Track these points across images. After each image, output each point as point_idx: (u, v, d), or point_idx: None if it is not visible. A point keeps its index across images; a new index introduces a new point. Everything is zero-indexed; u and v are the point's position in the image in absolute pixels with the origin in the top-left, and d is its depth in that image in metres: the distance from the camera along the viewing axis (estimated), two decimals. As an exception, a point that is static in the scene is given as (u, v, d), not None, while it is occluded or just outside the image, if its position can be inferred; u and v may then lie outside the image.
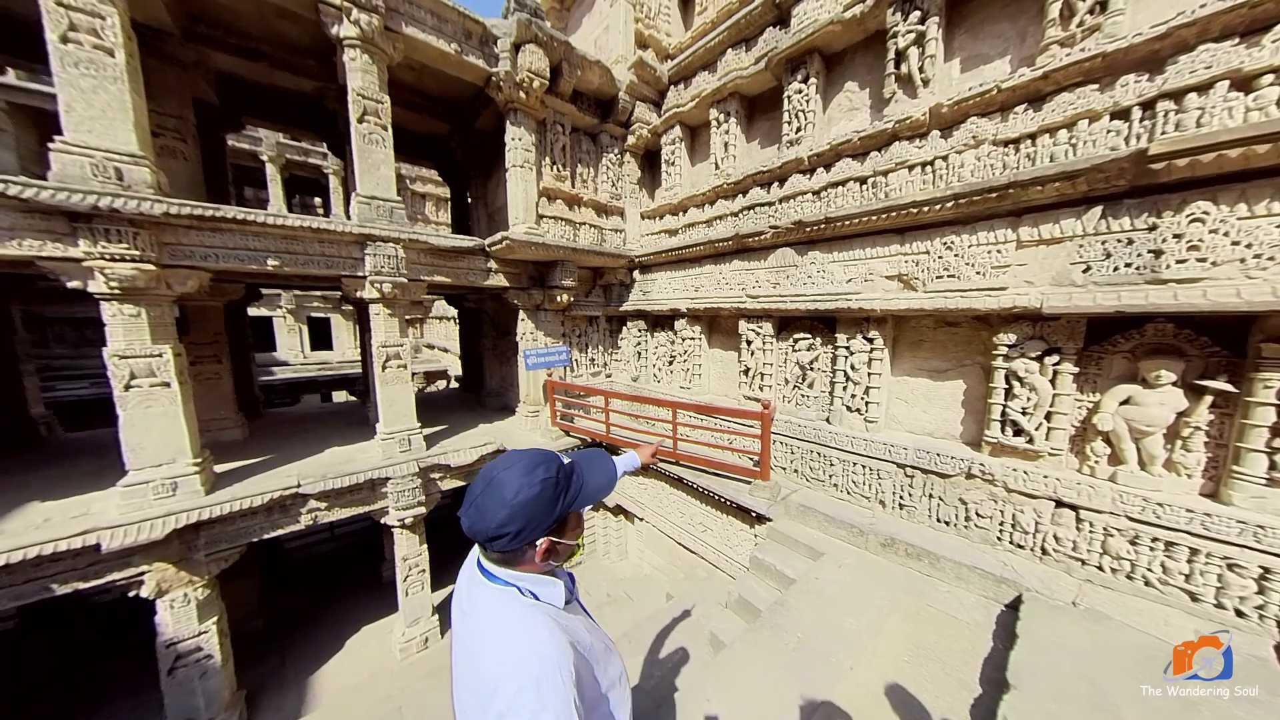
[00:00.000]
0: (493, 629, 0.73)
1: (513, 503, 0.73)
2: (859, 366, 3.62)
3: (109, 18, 3.03)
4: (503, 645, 0.70)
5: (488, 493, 0.75)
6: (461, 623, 0.81)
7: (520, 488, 0.74)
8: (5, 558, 2.82)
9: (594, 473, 0.85)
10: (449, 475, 5.04)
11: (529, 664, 0.67)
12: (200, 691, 3.67)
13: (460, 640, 0.81)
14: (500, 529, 0.74)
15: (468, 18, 4.52)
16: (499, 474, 0.76)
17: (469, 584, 0.84)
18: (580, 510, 0.83)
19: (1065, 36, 2.75)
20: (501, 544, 0.76)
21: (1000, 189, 2.72)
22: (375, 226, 4.18)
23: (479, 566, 0.83)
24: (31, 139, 10.38)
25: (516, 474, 0.75)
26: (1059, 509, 2.62)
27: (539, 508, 0.75)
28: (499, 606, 0.76)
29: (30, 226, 2.89)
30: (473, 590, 0.81)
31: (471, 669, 0.73)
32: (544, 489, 0.75)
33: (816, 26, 3.87)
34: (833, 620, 2.44)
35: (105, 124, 3.08)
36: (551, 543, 0.79)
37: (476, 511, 0.75)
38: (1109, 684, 1.79)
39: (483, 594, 0.79)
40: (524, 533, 0.75)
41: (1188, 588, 2.23)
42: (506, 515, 0.73)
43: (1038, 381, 2.68)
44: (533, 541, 0.77)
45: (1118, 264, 2.38)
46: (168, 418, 3.47)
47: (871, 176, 3.63)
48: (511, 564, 0.80)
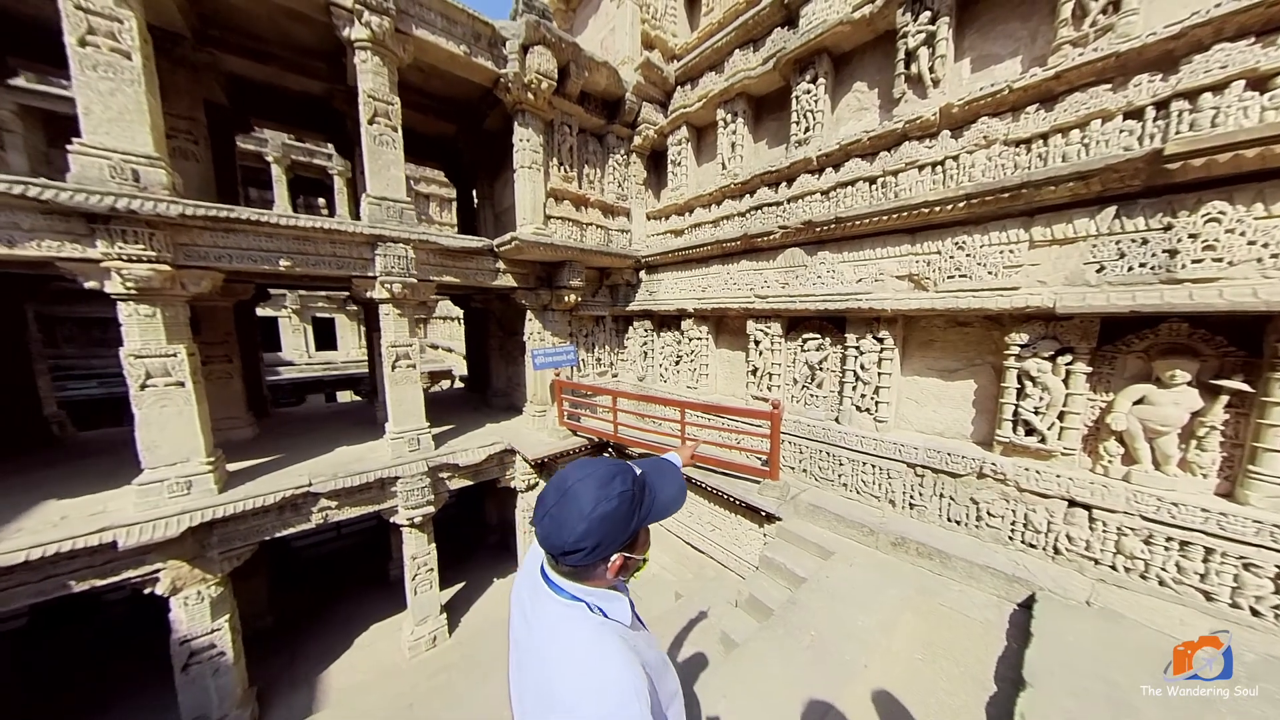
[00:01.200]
0: (565, 648, 0.71)
1: (590, 517, 0.71)
2: (869, 366, 3.62)
3: (126, 20, 3.06)
4: (578, 667, 0.68)
5: (563, 504, 0.72)
6: (525, 632, 0.79)
7: (598, 501, 0.71)
8: (25, 554, 2.86)
9: (665, 485, 0.81)
10: (457, 475, 5.07)
11: (607, 691, 0.65)
12: (213, 688, 3.71)
13: (523, 648, 0.79)
14: (577, 544, 0.71)
15: (477, 19, 4.54)
16: (573, 484, 0.73)
17: (531, 592, 0.81)
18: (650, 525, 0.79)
19: (1078, 36, 2.74)
20: (576, 559, 0.73)
21: (1013, 189, 2.72)
22: (386, 227, 4.21)
23: (544, 576, 0.80)
24: (40, 140, 10.47)
25: (592, 486, 0.73)
26: (1072, 508, 2.62)
27: (616, 523, 0.72)
28: (569, 623, 0.73)
29: (50, 228, 2.92)
30: (537, 600, 0.79)
31: (539, 683, 0.72)
32: (620, 503, 0.72)
33: (825, 27, 3.88)
34: (846, 619, 2.44)
35: (123, 126, 3.11)
36: (624, 559, 0.76)
37: (553, 524, 0.72)
38: (1126, 682, 1.79)
39: (550, 608, 0.76)
40: (600, 549, 0.72)
41: (1203, 587, 2.23)
42: (584, 530, 0.71)
43: (1050, 381, 2.68)
44: (607, 558, 0.74)
45: (1132, 264, 2.38)
46: (182, 417, 3.51)
47: (881, 176, 3.62)
48: (581, 579, 0.77)
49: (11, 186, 2.72)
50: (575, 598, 0.76)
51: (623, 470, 0.77)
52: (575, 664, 0.69)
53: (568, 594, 0.76)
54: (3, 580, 2.90)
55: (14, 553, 2.84)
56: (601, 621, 0.74)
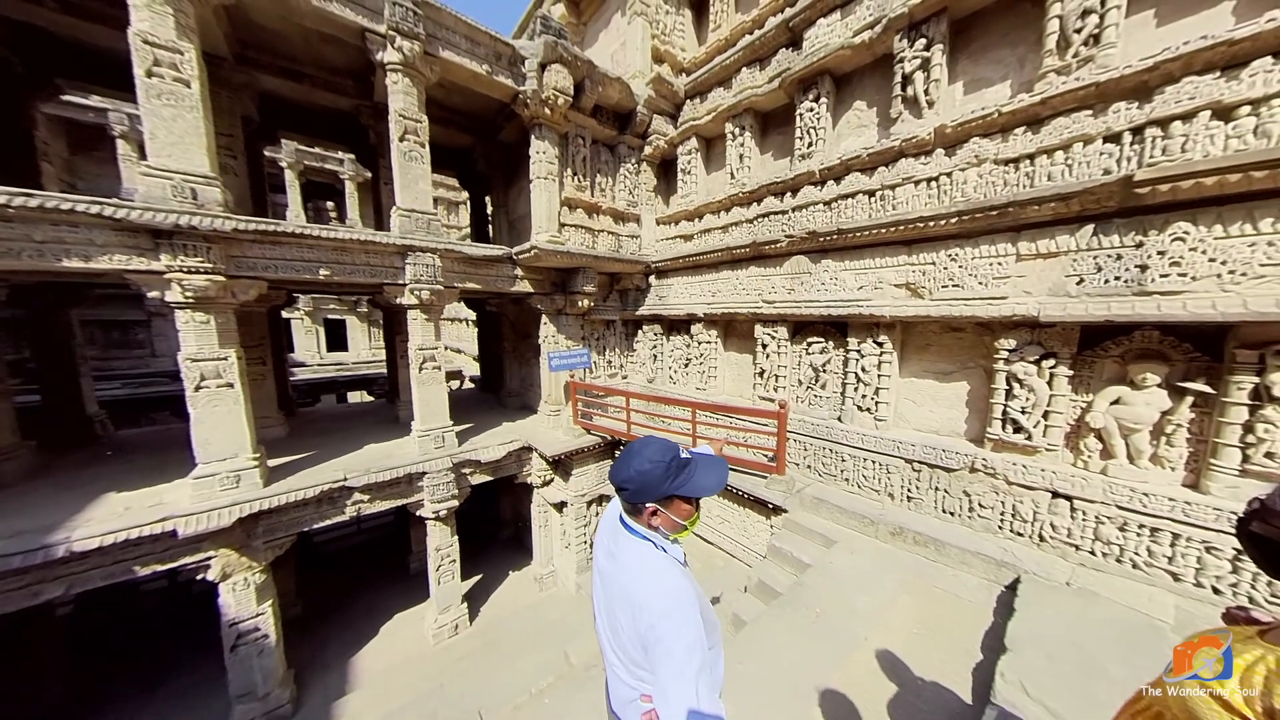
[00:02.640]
0: (640, 567, 1.01)
1: (636, 469, 1.01)
2: (869, 369, 3.87)
3: (186, 52, 3.35)
4: (650, 577, 0.98)
5: (627, 455, 1.05)
6: (611, 563, 1.09)
7: (644, 461, 1.02)
8: (99, 540, 3.14)
9: (707, 473, 1.06)
10: (479, 470, 5.34)
11: (669, 590, 0.94)
12: (258, 668, 3.99)
13: (607, 574, 1.09)
14: (624, 483, 1.03)
15: (498, 40, 4.82)
16: (636, 449, 1.06)
17: (612, 535, 1.12)
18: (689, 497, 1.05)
19: (1061, 65, 2.99)
20: (624, 495, 1.06)
21: (1001, 207, 2.97)
22: (415, 238, 4.48)
23: (621, 521, 1.11)
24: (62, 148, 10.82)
25: (647, 453, 1.03)
26: (1055, 499, 2.87)
27: (651, 480, 1.01)
28: (642, 552, 1.03)
29: (121, 243, 3.21)
30: (617, 539, 1.09)
31: (623, 593, 1.01)
32: (656, 468, 1.00)
33: (828, 50, 4.13)
34: (848, 598, 2.70)
35: (183, 149, 3.40)
36: (658, 510, 1.04)
37: (616, 467, 1.07)
38: (1095, 648, 2.04)
39: (628, 544, 1.06)
40: (639, 493, 1.02)
41: (1170, 569, 2.47)
42: (628, 475, 1.02)
43: (1036, 383, 2.92)
44: (644, 503, 1.04)
45: (1108, 277, 2.62)
46: (231, 415, 3.79)
47: (879, 190, 3.88)
48: (632, 515, 1.08)
49: (90, 206, 3.01)
50: (645, 537, 1.05)
51: (672, 449, 1.05)
52: (647, 576, 0.99)
53: (639, 534, 1.06)
54: (79, 564, 3.19)
55: (89, 539, 3.13)
56: (664, 555, 1.04)
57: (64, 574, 3.20)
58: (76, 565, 3.21)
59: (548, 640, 4.81)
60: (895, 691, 2.04)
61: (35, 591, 3.13)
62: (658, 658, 0.89)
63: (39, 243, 3.01)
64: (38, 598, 3.13)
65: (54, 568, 3.14)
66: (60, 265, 3.07)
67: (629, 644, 0.99)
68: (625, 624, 0.99)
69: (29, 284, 4.72)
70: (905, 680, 2.11)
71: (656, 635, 0.90)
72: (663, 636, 0.89)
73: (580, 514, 5.85)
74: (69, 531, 3.17)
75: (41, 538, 3.10)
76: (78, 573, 3.24)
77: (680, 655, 0.87)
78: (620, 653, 1.03)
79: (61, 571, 3.18)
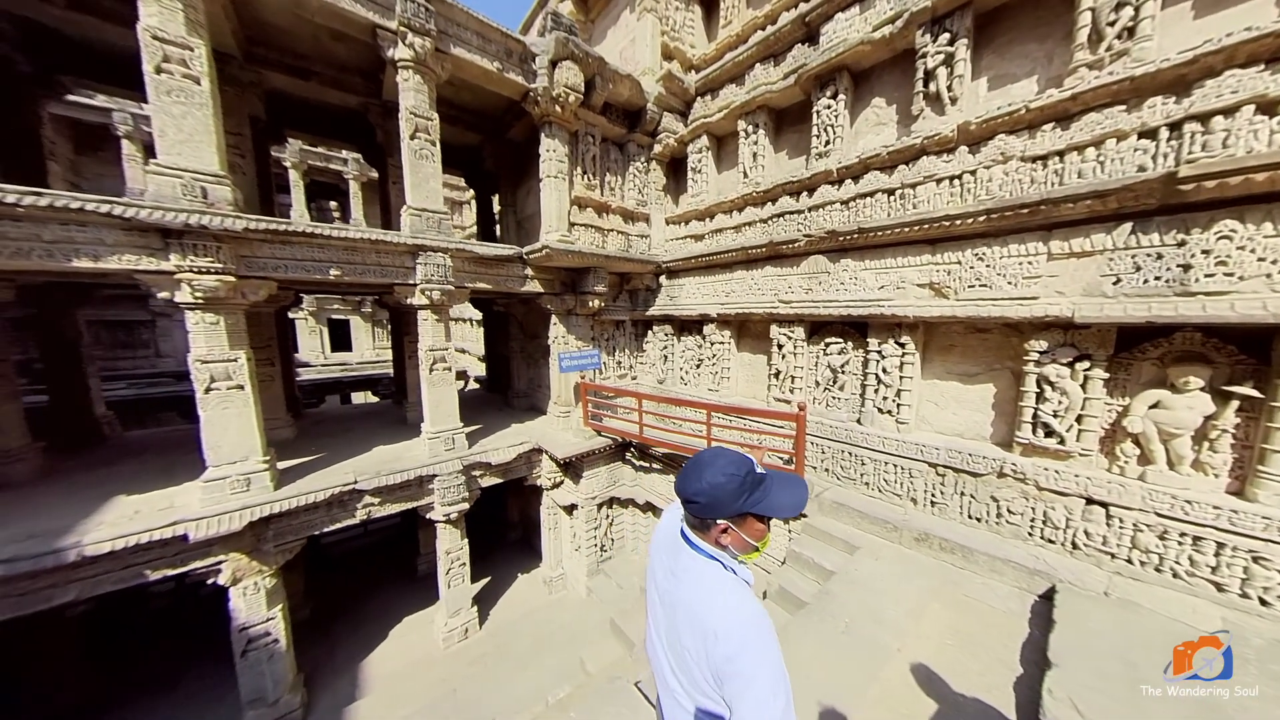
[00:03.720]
0: (710, 590, 0.92)
1: (709, 481, 0.94)
2: (890, 370, 3.79)
3: (197, 48, 3.29)
4: (724, 603, 0.89)
5: (696, 469, 0.97)
6: (672, 583, 1.00)
7: (716, 473, 0.94)
8: (110, 545, 3.09)
9: (784, 491, 0.98)
10: (489, 473, 5.28)
11: (748, 619, 0.86)
12: (269, 673, 3.93)
13: (669, 594, 1.01)
14: (695, 496, 0.95)
15: (509, 37, 4.75)
16: (707, 459, 0.98)
17: (672, 552, 1.03)
18: (764, 516, 0.98)
19: (1093, 60, 2.90)
20: (693, 509, 0.97)
21: (1033, 204, 2.89)
22: (426, 237, 4.42)
23: (683, 537, 1.02)
24: (67, 148, 10.80)
25: (720, 464, 0.95)
26: (1090, 506, 2.78)
27: (724, 495, 0.93)
28: (710, 573, 0.95)
29: (131, 243, 3.15)
30: (679, 557, 1.00)
31: (690, 617, 0.93)
32: (730, 482, 0.93)
33: (847, 46, 4.05)
34: (876, 608, 2.62)
35: (192, 146, 3.34)
36: (728, 528, 0.96)
37: (684, 479, 0.98)
38: (1144, 663, 1.96)
39: (692, 562, 0.97)
40: (709, 508, 0.94)
41: (1214, 579, 2.39)
42: (699, 488, 0.94)
43: (1069, 386, 2.84)
44: (715, 519, 0.96)
45: (1147, 277, 2.54)
46: (242, 418, 3.73)
47: (899, 189, 3.79)
48: (698, 530, 1.00)
49: (100, 205, 2.95)
50: (712, 555, 0.97)
51: (746, 463, 0.97)
52: (720, 601, 0.90)
53: (705, 551, 0.97)
54: (90, 569, 3.13)
55: (100, 543, 3.07)
56: (733, 576, 0.96)
57: (75, 578, 3.15)
58: (88, 569, 3.16)
59: (560, 645, 4.75)
60: (935, 709, 1.97)
61: (47, 596, 3.08)
62: (736, 691, 0.83)
63: (48, 242, 2.95)
64: (49, 602, 3.08)
65: (65, 572, 3.09)
66: (70, 265, 3.01)
67: (697, 671, 0.91)
68: (693, 649, 0.91)
69: (36, 284, 4.68)
70: (944, 696, 2.04)
71: (735, 669, 0.83)
72: (742, 670, 0.83)
73: (591, 517, 5.79)
74: (80, 535, 3.12)
75: (52, 541, 3.05)
76: (89, 577, 3.18)
77: (763, 691, 0.81)
78: (683, 677, 0.96)
79: (73, 576, 3.13)
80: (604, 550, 6.00)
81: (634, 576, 5.66)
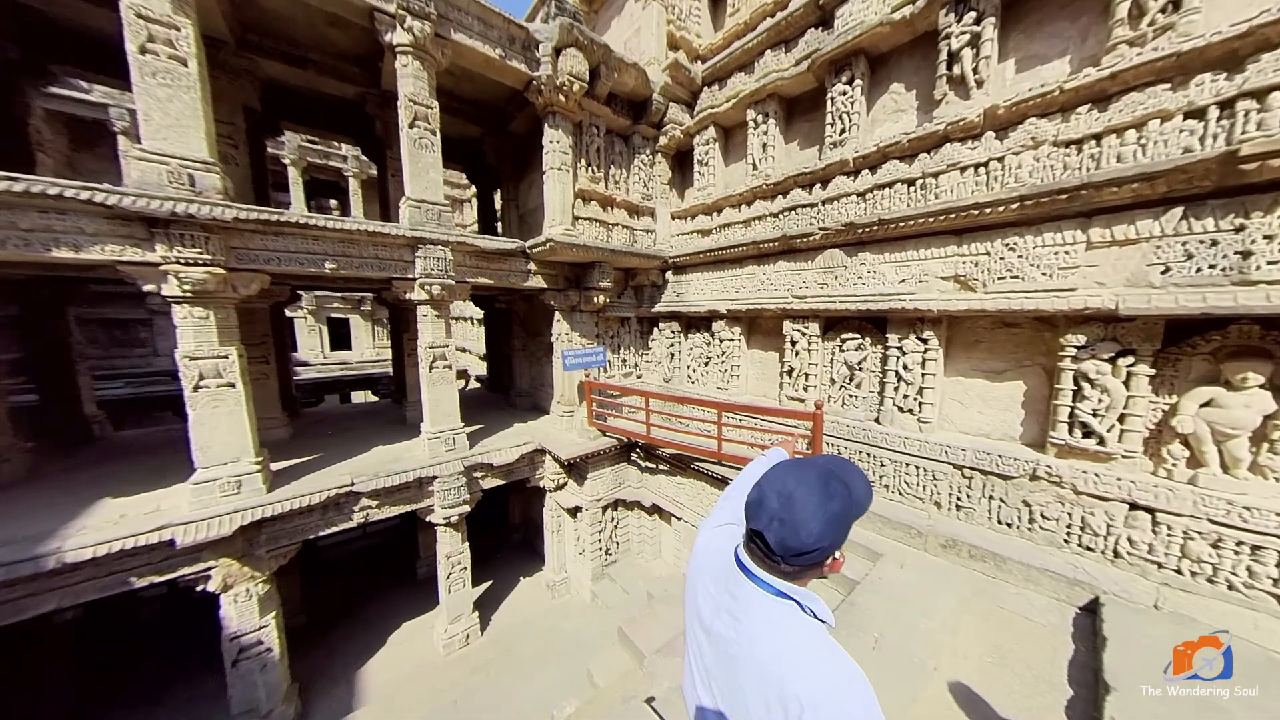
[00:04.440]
0: (793, 644, 0.72)
1: (820, 518, 0.72)
2: (912, 367, 3.62)
3: (184, 28, 3.12)
4: (813, 661, 0.70)
5: (791, 508, 0.73)
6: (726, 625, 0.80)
7: (824, 499, 0.72)
8: (92, 551, 2.92)
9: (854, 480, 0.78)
10: (490, 474, 5.12)
11: (846, 683, 0.68)
12: (261, 684, 3.77)
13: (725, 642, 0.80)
14: (816, 543, 0.72)
15: (512, 23, 4.58)
16: (795, 488, 0.75)
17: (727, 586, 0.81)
18: None
19: (1135, 36, 2.72)
20: (809, 559, 0.74)
21: (1072, 190, 2.71)
22: (426, 230, 4.25)
23: (744, 570, 0.80)
24: (63, 144, 10.66)
25: (816, 487, 0.74)
26: (1133, 511, 2.61)
27: (844, 521, 0.73)
28: (788, 622, 0.74)
29: (113, 232, 2.99)
30: (739, 595, 0.79)
31: (760, 677, 0.72)
32: (841, 501, 0.73)
33: (864, 28, 3.87)
34: (907, 621, 2.45)
35: (179, 132, 3.17)
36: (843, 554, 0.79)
37: (786, 528, 0.73)
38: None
39: (760, 607, 0.76)
40: (831, 548, 0.74)
41: (1277, 591, 2.21)
42: (819, 530, 0.72)
43: (1110, 383, 2.66)
44: (832, 555, 0.77)
45: (1200, 265, 2.36)
46: (233, 417, 3.57)
47: (921, 178, 3.61)
48: (797, 578, 0.77)
49: (79, 192, 2.78)
50: (784, 595, 0.77)
51: (826, 468, 0.78)
52: (811, 663, 0.70)
53: (775, 590, 0.77)
54: (71, 576, 2.97)
55: (82, 549, 2.91)
56: (815, 622, 0.76)
57: (55, 586, 2.98)
58: (69, 577, 3.00)
59: (565, 653, 4.58)
60: (982, 735, 1.80)
61: (22, 606, 2.91)
62: None
63: (25, 231, 2.79)
64: (24, 613, 2.92)
65: (45, 580, 2.93)
66: (48, 256, 2.85)
67: None
68: (758, 715, 0.72)
69: (20, 278, 4.52)
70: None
71: None
72: None
73: (595, 520, 5.62)
74: (61, 541, 2.96)
75: (31, 548, 2.88)
76: (70, 585, 3.02)
77: None
78: None
79: (53, 584, 2.97)
80: (609, 554, 5.83)
81: (640, 581, 5.49)
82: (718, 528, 0.98)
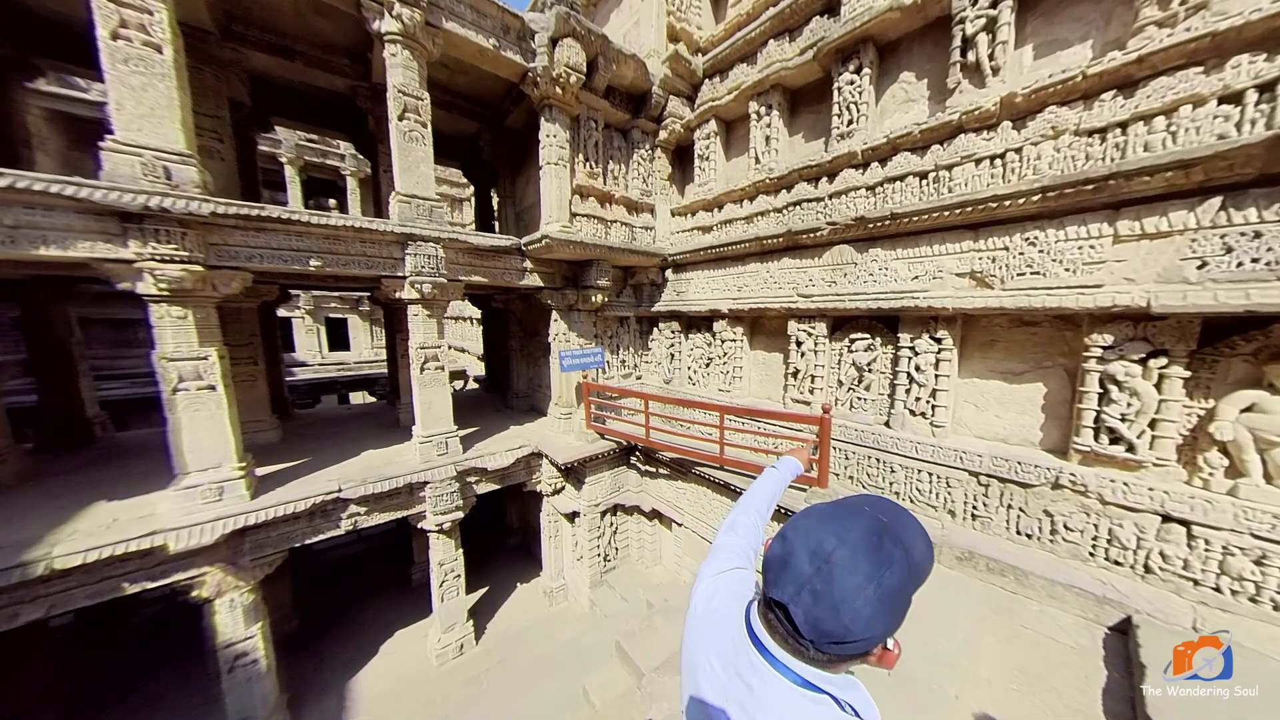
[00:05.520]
0: None
1: (878, 595, 0.53)
2: (925, 368, 3.44)
3: (157, 13, 2.97)
4: None
5: (830, 575, 0.54)
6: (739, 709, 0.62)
7: (875, 568, 0.53)
8: (82, 557, 2.80)
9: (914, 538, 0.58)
10: (485, 479, 4.96)
11: None
12: (254, 694, 3.63)
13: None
14: (864, 631, 0.53)
15: (507, 12, 4.42)
16: (834, 549, 0.55)
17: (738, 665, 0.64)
18: None
19: (1165, 16, 2.54)
20: (851, 650, 0.55)
21: (1099, 180, 2.53)
22: (416, 226, 4.10)
23: (761, 650, 0.61)
24: (60, 143, 10.56)
25: (864, 551, 0.55)
26: (1166, 524, 2.43)
27: (903, 599, 0.55)
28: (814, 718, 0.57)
29: (85, 228, 2.84)
30: (755, 680, 0.61)
31: None
32: (900, 570, 0.54)
33: (873, 14, 3.70)
34: (925, 642, 2.28)
35: (154, 122, 3.03)
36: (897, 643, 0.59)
37: (825, 608, 0.53)
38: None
39: (782, 700, 0.58)
40: (882, 635, 0.55)
41: (1328, 613, 2.04)
42: (870, 613, 0.52)
43: (1140, 386, 2.49)
44: (882, 644, 0.57)
45: (1242, 259, 2.19)
46: (214, 421, 3.42)
47: (933, 171, 3.44)
48: (831, 666, 0.58)
49: (49, 185, 2.64)
50: (815, 687, 0.59)
51: (876, 520, 0.59)
52: None
53: (802, 681, 0.59)
54: (62, 582, 2.85)
55: (72, 555, 2.78)
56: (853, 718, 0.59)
57: (45, 593, 2.86)
58: (58, 583, 2.87)
59: (561, 665, 4.42)
60: (1012, 775, 1.63)
61: (12, 614, 2.78)
62: None
63: (10, 228, 2.65)
64: (14, 620, 2.78)
65: (34, 586, 2.80)
66: (33, 254, 2.70)
67: None
68: None
69: (17, 278, 4.38)
70: (1019, 757, 1.70)
71: None
72: None
73: (593, 525, 5.46)
74: (50, 546, 2.82)
75: (18, 554, 2.75)
76: (60, 591, 2.89)
77: None
78: None
79: (42, 590, 2.84)
80: (607, 560, 5.67)
81: (639, 589, 5.33)
82: (720, 575, 0.79)
